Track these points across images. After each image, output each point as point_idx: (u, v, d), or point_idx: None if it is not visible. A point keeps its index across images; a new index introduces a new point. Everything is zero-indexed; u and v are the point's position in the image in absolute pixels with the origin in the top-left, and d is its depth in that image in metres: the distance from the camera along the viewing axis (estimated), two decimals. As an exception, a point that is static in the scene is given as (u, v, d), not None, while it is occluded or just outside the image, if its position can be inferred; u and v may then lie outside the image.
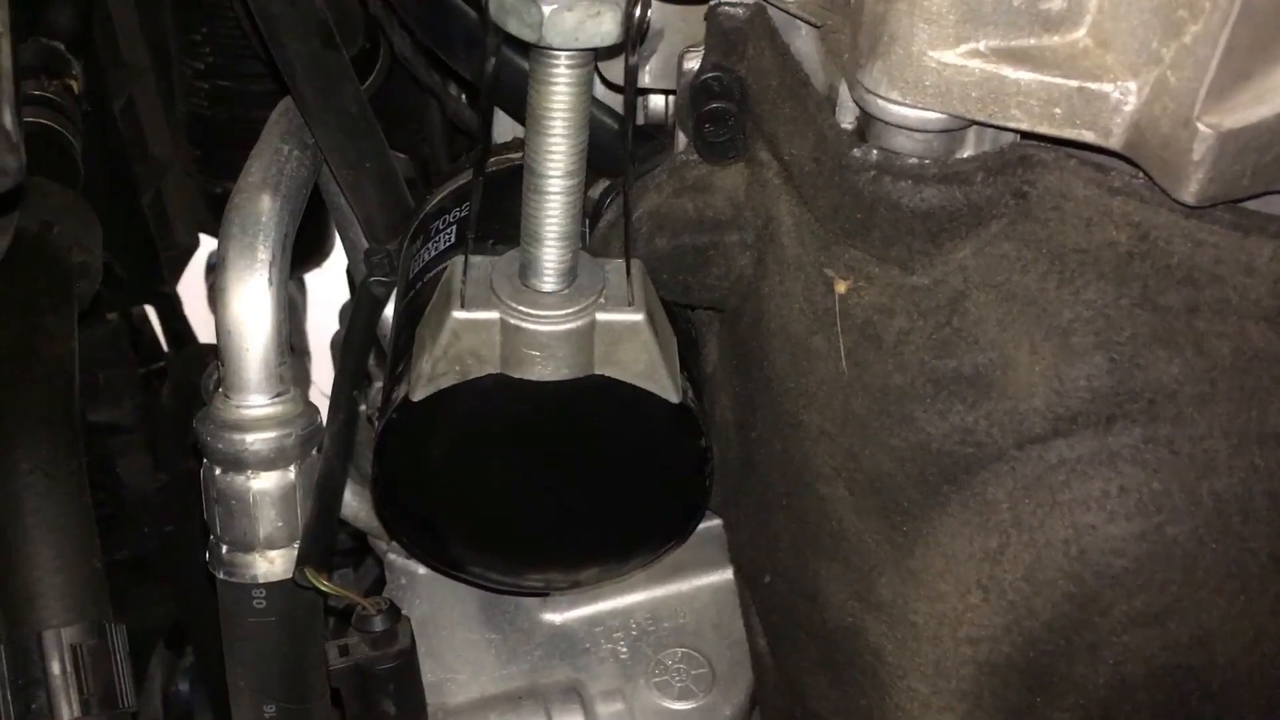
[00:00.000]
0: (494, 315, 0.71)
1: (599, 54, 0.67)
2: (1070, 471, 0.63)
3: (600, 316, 0.71)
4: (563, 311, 0.71)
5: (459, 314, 0.71)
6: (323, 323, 1.39)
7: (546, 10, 0.61)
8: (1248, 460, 0.62)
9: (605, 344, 0.72)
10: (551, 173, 0.68)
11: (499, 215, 0.82)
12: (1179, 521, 0.62)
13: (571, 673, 0.93)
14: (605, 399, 0.74)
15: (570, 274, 0.72)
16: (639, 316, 0.72)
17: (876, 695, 0.74)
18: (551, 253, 0.70)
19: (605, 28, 0.63)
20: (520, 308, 0.71)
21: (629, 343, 0.72)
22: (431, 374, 0.73)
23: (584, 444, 0.78)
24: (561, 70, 0.65)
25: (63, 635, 0.83)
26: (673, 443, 0.78)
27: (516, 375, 0.72)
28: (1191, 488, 0.62)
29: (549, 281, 0.71)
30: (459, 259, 0.73)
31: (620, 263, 0.74)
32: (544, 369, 0.72)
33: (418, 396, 0.74)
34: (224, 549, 0.88)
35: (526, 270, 0.71)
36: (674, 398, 0.74)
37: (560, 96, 0.66)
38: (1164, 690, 0.67)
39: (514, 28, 0.63)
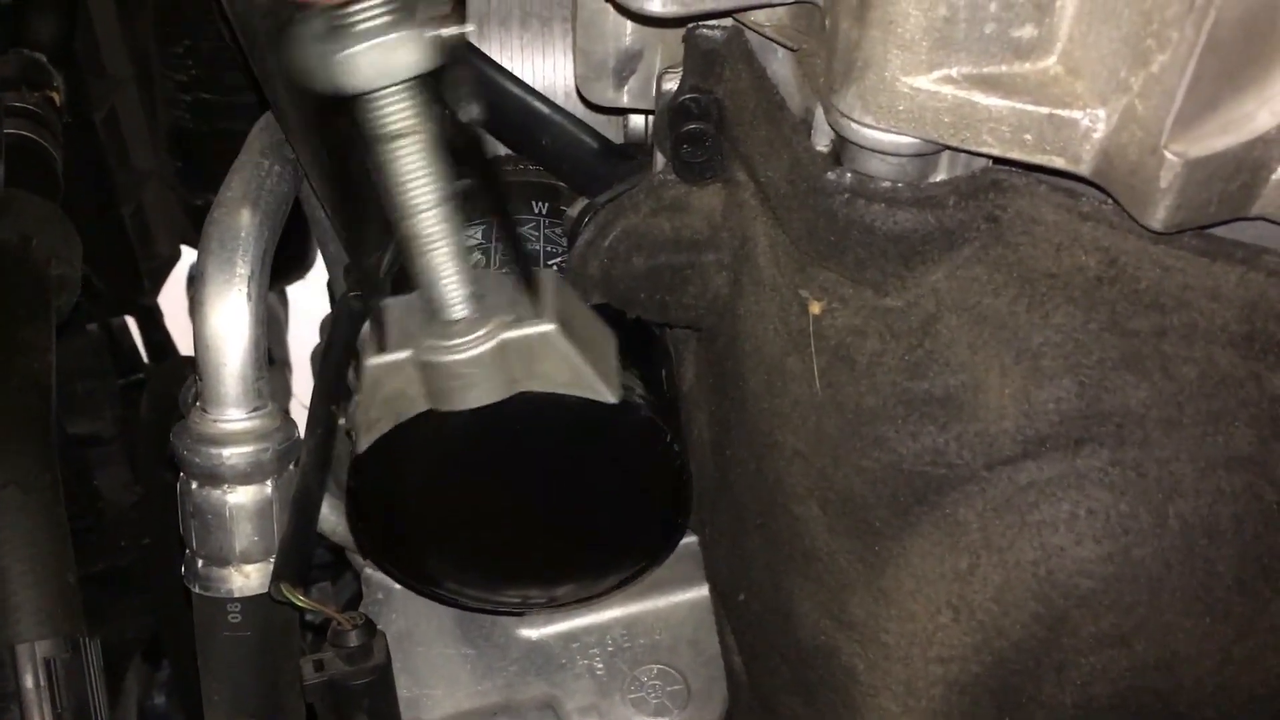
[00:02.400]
0: (406, 354, 0.71)
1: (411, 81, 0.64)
2: (1039, 493, 0.64)
3: (508, 335, 0.70)
4: (470, 337, 0.70)
5: (374, 360, 0.72)
6: (305, 334, 1.38)
7: (343, 57, 0.60)
8: (1214, 484, 0.62)
9: (523, 360, 0.71)
10: (417, 207, 0.67)
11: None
12: (1145, 544, 0.63)
13: (547, 688, 0.93)
14: (545, 414, 0.73)
15: (474, 298, 0.71)
16: (549, 326, 0.71)
17: (848, 714, 0.74)
18: (445, 283, 0.70)
19: (409, 58, 0.60)
20: (428, 341, 0.71)
21: (545, 354, 0.71)
22: (369, 422, 0.74)
23: (548, 460, 0.78)
24: (388, 106, 0.63)
25: (36, 649, 0.83)
26: (633, 444, 0.78)
27: (444, 408, 0.72)
28: (1158, 510, 0.63)
29: (454, 309, 0.71)
30: (376, 308, 0.74)
31: (542, 274, 0.73)
32: (465, 397, 0.72)
33: (361, 448, 0.75)
34: (200, 563, 0.87)
35: (429, 305, 0.71)
36: (610, 398, 0.73)
37: (397, 132, 0.64)
38: (1130, 711, 0.67)
39: (324, 84, 0.61)
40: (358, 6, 0.60)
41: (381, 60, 0.60)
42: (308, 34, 0.60)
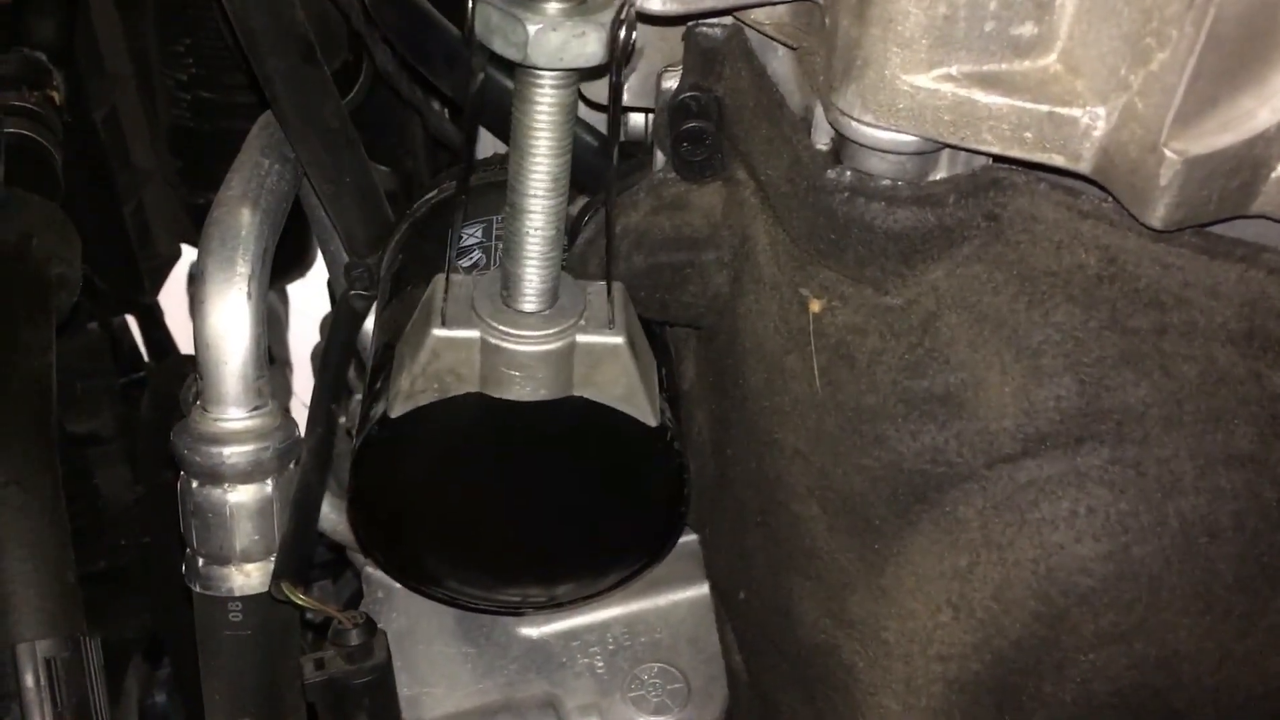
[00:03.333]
0: (474, 334, 0.71)
1: (583, 74, 0.67)
2: (1039, 491, 0.64)
3: (580, 338, 0.71)
4: (543, 332, 0.70)
5: (439, 332, 0.71)
6: (305, 333, 1.38)
7: (532, 30, 0.61)
8: (1213, 482, 0.62)
9: (585, 366, 0.72)
10: (534, 193, 0.68)
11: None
12: (1145, 542, 0.63)
13: (547, 687, 0.93)
14: (583, 419, 0.74)
15: (551, 294, 0.71)
16: (619, 339, 0.71)
17: (849, 712, 0.74)
18: (532, 273, 0.70)
19: (590, 48, 0.62)
20: (500, 327, 0.70)
21: (608, 365, 0.72)
22: (410, 391, 0.73)
23: (562, 463, 0.78)
24: (546, 90, 0.65)
25: (37, 649, 0.83)
26: (650, 464, 0.79)
27: (496, 395, 0.72)
28: (1158, 508, 0.63)
29: (530, 302, 0.71)
30: (440, 276, 0.73)
31: (602, 285, 0.74)
32: (523, 389, 0.72)
33: (396, 413, 0.74)
34: (200, 562, 0.88)
35: (507, 290, 0.71)
36: (652, 421, 0.74)
37: (544, 116, 0.66)
38: (1130, 709, 0.67)
39: (499, 46, 0.63)
40: None
41: (568, 43, 0.62)
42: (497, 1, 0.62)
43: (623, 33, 0.63)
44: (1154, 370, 0.62)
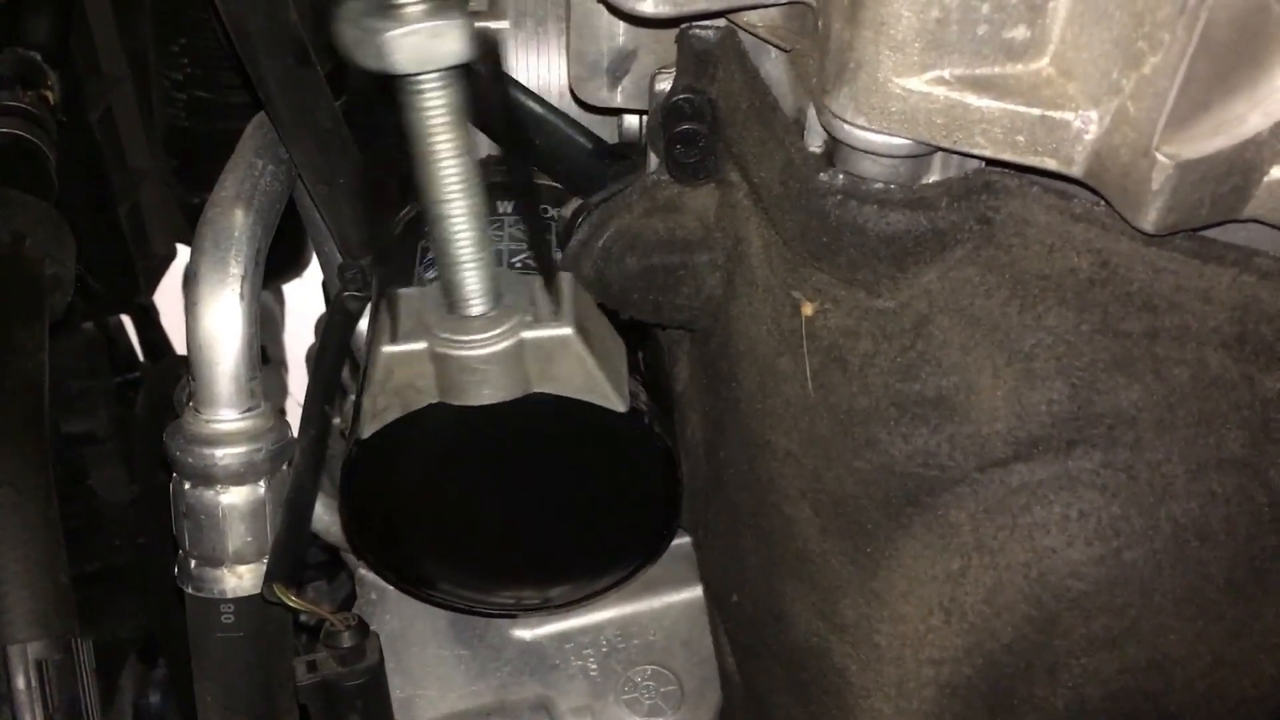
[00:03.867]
0: (421, 346, 0.71)
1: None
2: (1031, 495, 0.64)
3: (527, 335, 0.71)
4: (487, 334, 0.70)
5: (388, 348, 0.72)
6: (301, 333, 1.38)
7: (386, 37, 0.61)
8: (1205, 486, 0.62)
9: (538, 361, 0.72)
10: (446, 198, 0.68)
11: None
12: (1137, 546, 0.63)
13: (541, 689, 0.93)
14: (556, 416, 0.74)
15: (492, 295, 0.71)
16: (567, 330, 0.71)
17: (841, 715, 0.74)
18: (466, 276, 0.70)
19: (451, 46, 0.62)
20: (445, 335, 0.70)
21: (561, 357, 0.72)
22: (375, 409, 0.74)
23: (546, 461, 0.78)
24: (427, 95, 0.65)
25: (28, 650, 0.83)
26: (632, 452, 0.78)
27: (455, 402, 0.72)
28: (1150, 512, 0.63)
29: (473, 305, 0.71)
30: (392, 291, 0.73)
31: (561, 277, 0.74)
32: (480, 393, 0.72)
33: (365, 434, 0.75)
34: (193, 564, 0.87)
35: (449, 297, 0.71)
36: (620, 406, 0.74)
37: (435, 120, 0.66)
38: (1122, 713, 0.68)
39: (367, 61, 0.62)
40: None
41: (426, 45, 0.61)
42: (355, 10, 0.61)
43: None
44: (1146, 374, 0.62)
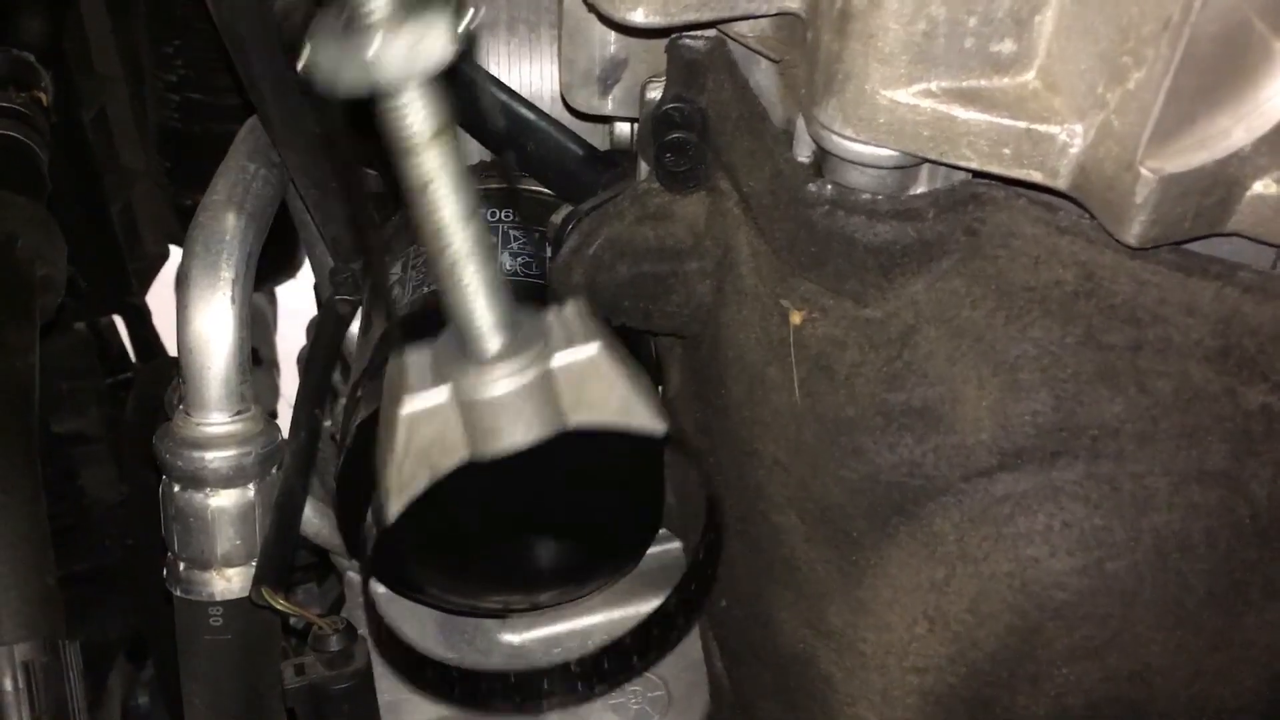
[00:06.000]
0: (443, 398, 0.63)
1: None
2: (1015, 505, 0.64)
3: (553, 361, 0.64)
4: (515, 365, 0.63)
5: (406, 410, 0.63)
6: (294, 335, 1.38)
7: (372, 49, 0.54)
8: (1187, 498, 0.63)
9: (571, 388, 0.65)
10: (448, 225, 0.60)
11: None
12: (1119, 557, 0.63)
13: (528, 693, 0.93)
14: (587, 445, 0.67)
15: (510, 325, 0.64)
16: (594, 345, 0.65)
17: (826, 721, 0.75)
18: (481, 308, 0.63)
19: (437, 43, 0.55)
20: (468, 379, 0.63)
21: (594, 379, 0.65)
22: (401, 483, 0.65)
23: (557, 484, 0.74)
24: (409, 110, 0.57)
25: (15, 652, 0.83)
26: (648, 471, 0.76)
27: (488, 451, 0.64)
28: (1132, 524, 0.63)
29: (491, 341, 0.63)
30: (395, 360, 0.66)
31: (560, 307, 0.67)
32: (513, 436, 0.64)
33: (394, 514, 0.67)
34: (181, 566, 0.88)
35: (463, 337, 0.63)
36: (659, 429, 0.67)
37: (422, 132, 0.58)
38: (1104, 722, 0.68)
39: (350, 82, 0.55)
40: None
41: (409, 51, 0.55)
42: (326, 37, 0.55)
43: (469, 14, 0.55)
44: (1129, 386, 0.62)
